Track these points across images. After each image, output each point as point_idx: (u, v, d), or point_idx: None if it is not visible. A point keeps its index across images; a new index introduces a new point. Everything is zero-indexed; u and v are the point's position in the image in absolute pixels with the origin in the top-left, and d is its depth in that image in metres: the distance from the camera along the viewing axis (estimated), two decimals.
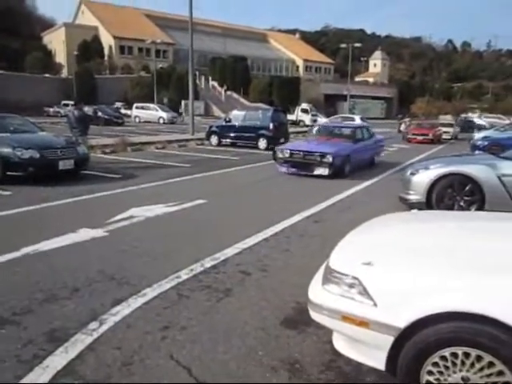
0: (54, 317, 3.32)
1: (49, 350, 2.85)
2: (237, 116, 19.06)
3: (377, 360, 2.34)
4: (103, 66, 63.71)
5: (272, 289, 3.94)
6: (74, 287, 3.86)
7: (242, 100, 55.48)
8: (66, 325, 3.19)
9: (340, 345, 2.62)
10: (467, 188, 6.56)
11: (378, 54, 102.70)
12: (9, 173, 8.52)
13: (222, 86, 58.95)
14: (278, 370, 2.74)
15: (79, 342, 2.96)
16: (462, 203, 6.61)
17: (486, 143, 16.08)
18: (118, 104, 47.81)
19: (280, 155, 10.99)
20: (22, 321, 3.25)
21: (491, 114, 44.41)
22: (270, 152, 16.44)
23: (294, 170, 10.77)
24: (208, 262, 4.57)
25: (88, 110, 23.03)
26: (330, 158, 10.29)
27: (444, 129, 28.10)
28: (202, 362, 2.79)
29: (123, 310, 3.46)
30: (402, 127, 30.24)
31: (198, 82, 54.13)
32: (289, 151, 10.81)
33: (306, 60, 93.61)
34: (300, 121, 41.28)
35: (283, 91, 53.97)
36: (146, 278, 4.09)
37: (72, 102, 41.28)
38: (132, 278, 4.08)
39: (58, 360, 2.75)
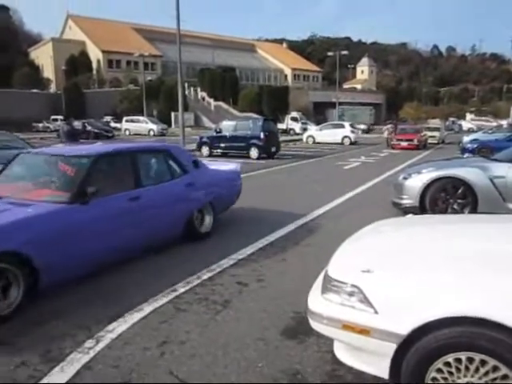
0: (48, 337, 3.24)
1: (44, 371, 2.79)
2: (227, 126, 19.08)
3: (380, 368, 2.31)
4: (92, 80, 63.70)
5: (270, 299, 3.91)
6: (69, 304, 3.78)
7: (232, 110, 55.60)
8: (61, 345, 3.12)
9: (341, 354, 2.58)
10: (460, 191, 6.59)
11: (364, 60, 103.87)
12: None
13: (211, 97, 59.11)
14: (279, 380, 2.70)
15: (75, 361, 2.89)
16: (455, 206, 6.64)
17: (475, 146, 16.31)
18: (108, 117, 47.75)
19: None
20: (16, 342, 3.17)
21: (478, 117, 45.10)
22: (262, 161, 16.53)
23: None
24: (204, 274, 4.52)
25: (77, 124, 22.94)
26: None
27: (430, 133, 27.46)
28: (202, 376, 2.74)
29: (120, 326, 3.40)
30: (385, 134, 29.50)
31: (187, 93, 54.24)
32: None
33: (294, 69, 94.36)
34: (290, 129, 41.68)
35: (272, 100, 54.17)
36: (141, 292, 4.03)
37: (61, 117, 41.19)
38: (128, 294, 4.02)
39: (54, 380, 2.69)
